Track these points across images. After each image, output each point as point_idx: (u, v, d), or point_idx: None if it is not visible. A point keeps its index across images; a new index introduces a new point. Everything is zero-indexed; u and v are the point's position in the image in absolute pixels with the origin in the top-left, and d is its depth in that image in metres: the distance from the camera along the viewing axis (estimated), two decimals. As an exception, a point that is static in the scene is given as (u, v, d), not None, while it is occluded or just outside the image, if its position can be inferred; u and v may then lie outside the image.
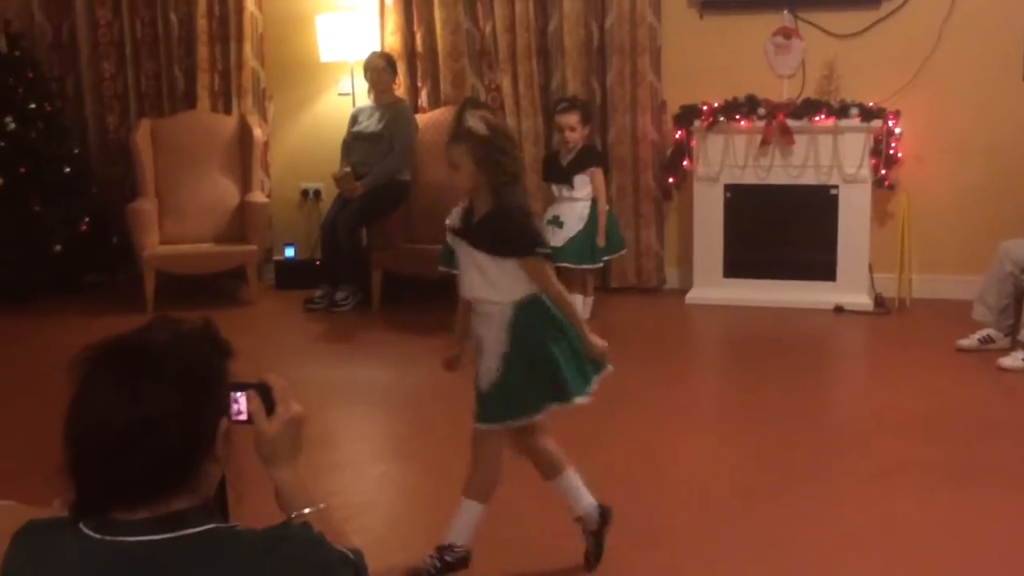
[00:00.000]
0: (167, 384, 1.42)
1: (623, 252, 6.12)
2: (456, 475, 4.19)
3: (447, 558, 3.23)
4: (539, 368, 3.11)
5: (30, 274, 6.62)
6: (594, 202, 5.76)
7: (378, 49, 6.76)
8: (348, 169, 6.50)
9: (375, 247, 6.56)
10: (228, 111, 7.07)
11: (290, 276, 6.99)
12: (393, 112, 6.58)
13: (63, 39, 7.23)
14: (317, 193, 7.16)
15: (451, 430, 4.70)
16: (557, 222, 5.74)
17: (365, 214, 6.47)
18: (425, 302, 6.47)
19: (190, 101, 7.11)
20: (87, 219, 6.87)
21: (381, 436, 4.87)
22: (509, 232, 3.07)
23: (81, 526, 1.45)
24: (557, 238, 5.72)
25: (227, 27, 6.99)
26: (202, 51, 7.02)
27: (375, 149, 6.55)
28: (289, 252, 7.13)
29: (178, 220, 6.81)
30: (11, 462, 4.30)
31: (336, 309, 6.46)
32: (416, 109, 6.84)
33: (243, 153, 6.94)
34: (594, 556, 3.34)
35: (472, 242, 3.08)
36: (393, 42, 6.86)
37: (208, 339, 1.52)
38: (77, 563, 1.43)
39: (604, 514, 3.34)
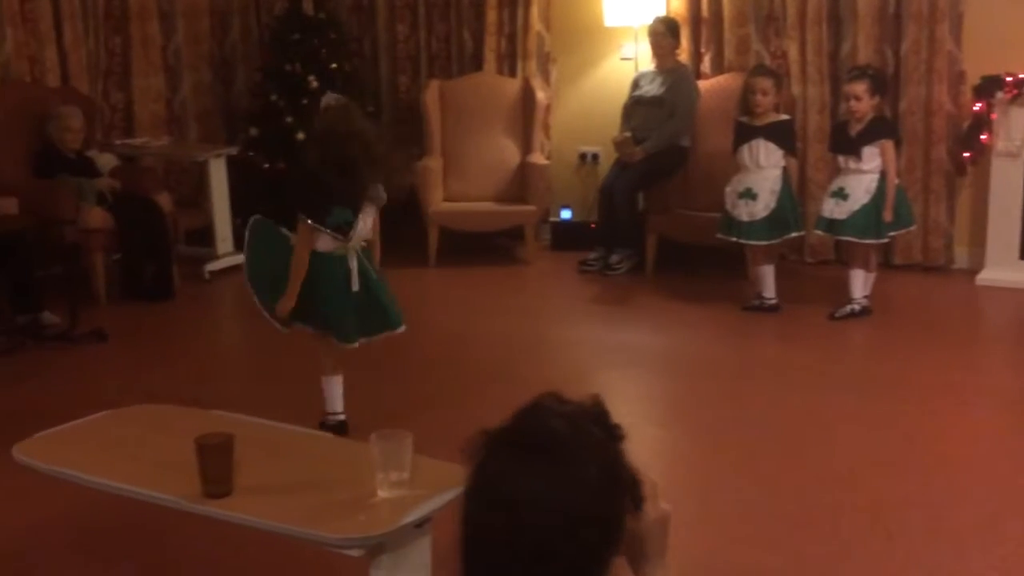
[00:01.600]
0: (584, 483, 1.32)
1: (911, 228, 5.87)
2: (727, 441, 4.20)
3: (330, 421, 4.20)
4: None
5: (325, 224, 7.02)
6: (882, 175, 5.54)
7: (662, 14, 6.73)
8: (628, 134, 6.54)
9: (652, 212, 6.58)
10: (513, 74, 7.23)
11: (566, 237, 7.10)
12: (675, 77, 6.55)
13: (363, 2, 7.58)
14: (595, 157, 7.23)
15: (720, 398, 4.70)
16: (842, 194, 5.56)
17: (644, 179, 6.49)
18: (700, 269, 6.44)
19: (477, 63, 7.31)
20: (377, 175, 7.20)
21: (654, 400, 4.91)
22: None
23: None
24: (841, 210, 5.55)
25: (516, -9, 7.14)
26: (491, 15, 7.19)
27: (655, 114, 6.54)
28: (566, 214, 7.24)
29: (461, 178, 7.05)
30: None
31: (610, 272, 6.52)
32: (698, 75, 6.78)
33: (525, 115, 7.09)
34: None
35: None
36: (678, 7, 6.81)
37: (602, 424, 1.41)
38: None
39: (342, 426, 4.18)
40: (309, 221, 3.93)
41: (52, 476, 2.75)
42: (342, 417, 4.23)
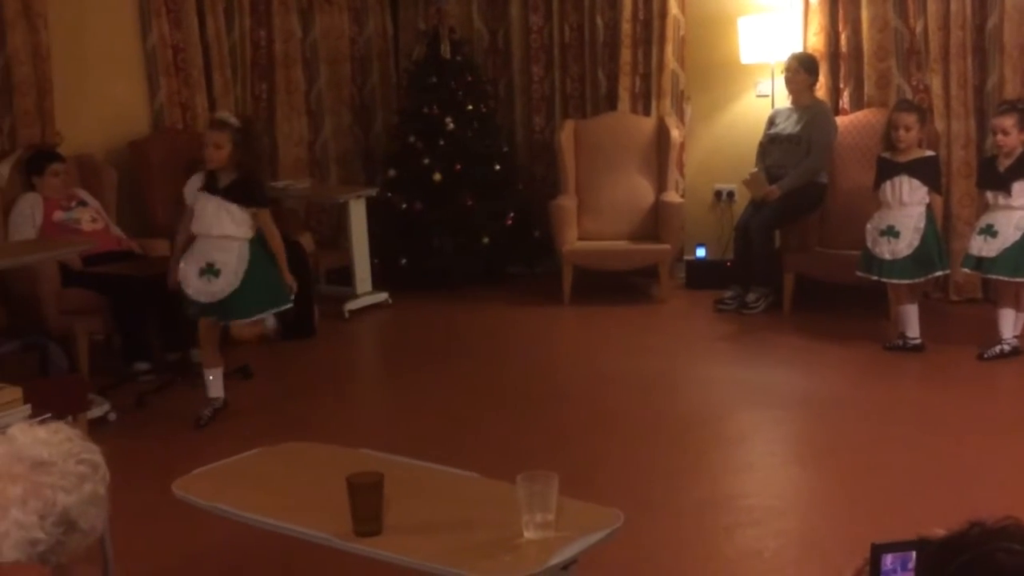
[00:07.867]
0: None
1: (1063, 265, 5.65)
2: (870, 484, 4.10)
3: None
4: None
5: (461, 264, 7.13)
6: (1033, 211, 5.37)
7: (799, 50, 6.67)
8: (755, 170, 6.47)
9: (789, 249, 6.50)
10: (647, 113, 7.24)
11: (700, 276, 7.06)
12: (811, 114, 6.47)
13: (499, 44, 7.71)
14: (730, 194, 7.18)
15: (863, 440, 4.59)
16: (990, 231, 5.40)
17: (780, 216, 6.42)
18: (838, 307, 6.32)
19: (611, 103, 7.35)
20: (512, 214, 7.29)
21: (792, 440, 4.83)
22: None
23: None
24: (990, 248, 5.39)
25: (650, 31, 7.16)
26: (625, 54, 7.23)
27: (792, 152, 6.47)
28: (700, 252, 7.20)
29: (596, 217, 7.08)
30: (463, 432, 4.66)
31: (747, 311, 6.45)
32: (837, 111, 6.68)
33: (660, 154, 7.09)
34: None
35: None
36: (816, 43, 6.74)
37: None
38: None
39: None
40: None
41: (209, 511, 2.85)
42: None
